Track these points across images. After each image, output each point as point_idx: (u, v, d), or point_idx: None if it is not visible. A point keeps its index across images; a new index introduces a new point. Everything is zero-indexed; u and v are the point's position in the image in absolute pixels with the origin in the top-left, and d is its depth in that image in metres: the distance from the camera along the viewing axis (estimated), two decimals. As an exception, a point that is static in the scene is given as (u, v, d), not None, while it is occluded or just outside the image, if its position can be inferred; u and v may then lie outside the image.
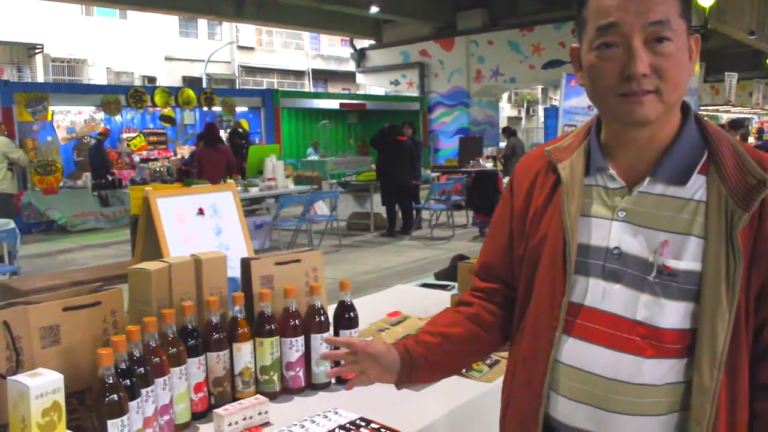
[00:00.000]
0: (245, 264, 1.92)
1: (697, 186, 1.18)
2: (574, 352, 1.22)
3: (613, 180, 1.24)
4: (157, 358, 1.55)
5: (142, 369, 1.48)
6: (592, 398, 1.20)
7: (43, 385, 1.27)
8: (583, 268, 1.23)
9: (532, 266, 1.30)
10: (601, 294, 1.21)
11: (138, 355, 1.48)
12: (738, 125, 12.63)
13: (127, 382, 1.42)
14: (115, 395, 1.36)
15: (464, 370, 1.95)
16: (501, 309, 1.44)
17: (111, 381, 1.36)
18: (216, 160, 9.71)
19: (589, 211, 1.25)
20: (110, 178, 13.70)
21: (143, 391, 1.47)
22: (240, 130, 14.03)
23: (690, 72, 1.19)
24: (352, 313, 1.96)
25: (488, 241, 1.48)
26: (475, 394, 1.87)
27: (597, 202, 1.25)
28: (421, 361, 1.41)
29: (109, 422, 1.35)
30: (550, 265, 1.26)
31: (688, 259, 1.14)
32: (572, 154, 1.31)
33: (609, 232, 1.21)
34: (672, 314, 1.15)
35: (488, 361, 2.01)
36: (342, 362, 1.44)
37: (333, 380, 1.90)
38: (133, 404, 1.42)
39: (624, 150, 1.23)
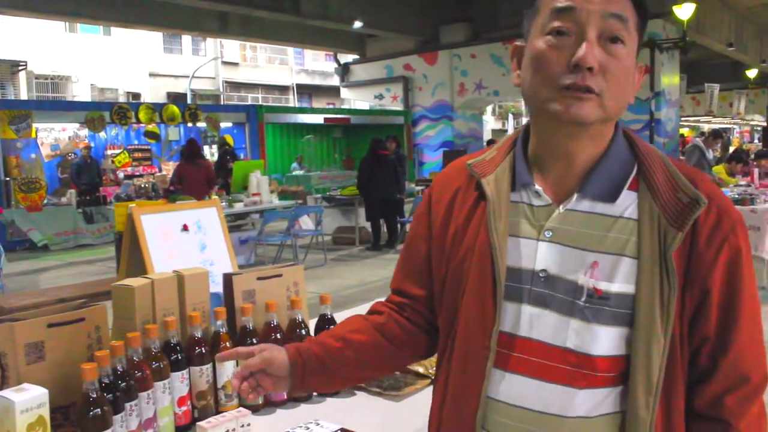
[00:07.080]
0: (227, 279, 1.96)
1: (627, 203, 1.12)
2: (505, 386, 1.14)
3: (538, 197, 1.16)
4: (141, 373, 1.58)
5: (126, 383, 1.51)
6: None
7: (28, 400, 1.31)
8: (513, 294, 1.14)
9: (457, 288, 1.21)
10: (528, 321, 1.12)
11: (121, 369, 1.51)
12: (718, 135, 13.04)
13: (111, 396, 1.44)
14: (99, 409, 1.39)
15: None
16: (413, 324, 1.36)
17: (95, 395, 1.39)
18: (196, 175, 9.80)
19: (516, 231, 1.16)
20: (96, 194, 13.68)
21: (127, 405, 1.50)
22: (227, 147, 14.10)
23: (633, 94, 1.15)
24: (332, 327, 1.99)
25: (402, 260, 1.38)
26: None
27: (523, 221, 1.16)
28: (315, 364, 1.32)
29: (94, 436, 1.38)
30: (478, 289, 1.16)
31: (620, 281, 1.08)
32: (497, 168, 1.22)
33: (535, 254, 1.13)
34: (604, 341, 1.08)
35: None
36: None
37: (315, 393, 1.93)
38: (117, 418, 1.45)
39: (553, 163, 1.17)
